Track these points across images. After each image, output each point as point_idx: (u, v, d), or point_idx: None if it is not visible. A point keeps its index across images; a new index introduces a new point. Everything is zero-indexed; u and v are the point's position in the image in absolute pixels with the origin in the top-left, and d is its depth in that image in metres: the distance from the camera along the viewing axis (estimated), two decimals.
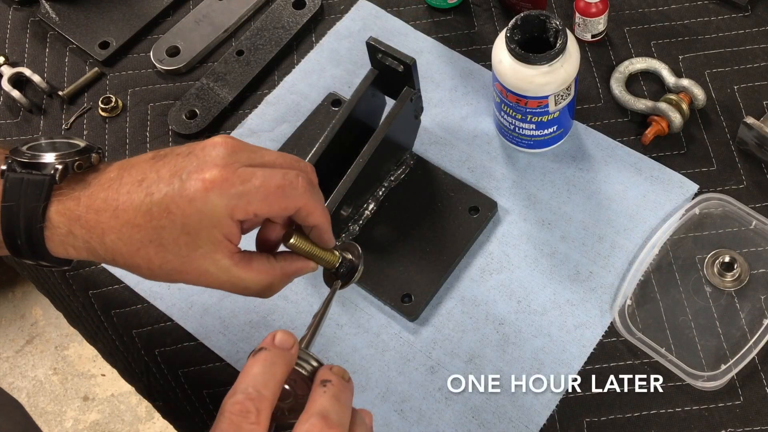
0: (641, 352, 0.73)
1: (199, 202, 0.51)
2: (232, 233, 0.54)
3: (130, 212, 0.52)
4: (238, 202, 0.52)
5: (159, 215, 0.52)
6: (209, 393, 0.77)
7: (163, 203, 0.52)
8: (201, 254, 0.53)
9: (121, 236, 0.53)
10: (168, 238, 0.52)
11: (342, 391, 0.50)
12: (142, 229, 0.52)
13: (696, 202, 0.78)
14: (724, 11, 0.91)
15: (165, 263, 0.53)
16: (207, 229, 0.52)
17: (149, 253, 0.53)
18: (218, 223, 0.52)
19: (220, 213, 0.52)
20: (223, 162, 0.52)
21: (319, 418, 0.48)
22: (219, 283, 0.55)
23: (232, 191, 0.52)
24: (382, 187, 0.82)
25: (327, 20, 0.96)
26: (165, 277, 0.54)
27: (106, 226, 0.53)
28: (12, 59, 0.97)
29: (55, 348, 1.83)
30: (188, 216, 0.52)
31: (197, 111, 0.90)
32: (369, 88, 0.76)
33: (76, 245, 0.54)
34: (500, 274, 0.78)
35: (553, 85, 0.74)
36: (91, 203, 0.53)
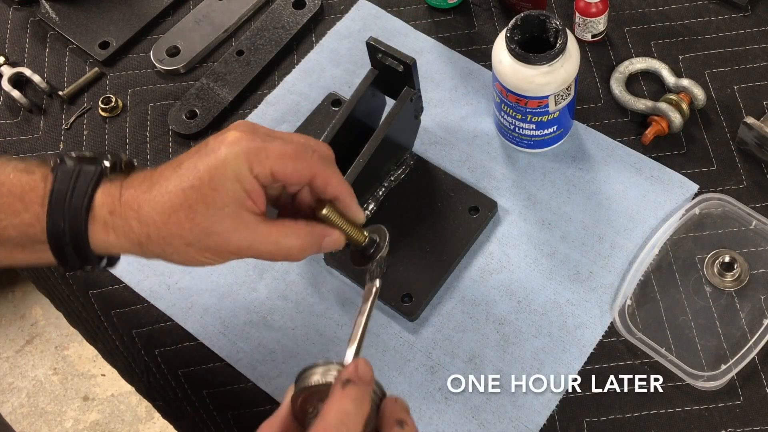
0: (641, 352, 0.73)
1: (222, 152, 0.55)
2: (254, 190, 0.56)
3: (163, 184, 0.55)
4: (257, 155, 0.55)
5: (188, 176, 0.55)
6: (209, 393, 0.77)
7: (191, 164, 0.55)
8: (227, 213, 0.55)
9: (154, 206, 0.55)
10: (196, 198, 0.55)
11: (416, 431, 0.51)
12: (172, 195, 0.55)
13: (696, 202, 0.78)
14: (724, 11, 0.91)
15: (195, 225, 0.55)
16: (230, 182, 0.55)
17: (180, 217, 0.55)
18: (240, 176, 0.55)
19: (240, 163, 0.55)
20: (243, 129, 0.56)
21: None
22: (247, 243, 0.56)
23: (252, 145, 0.55)
24: (382, 187, 0.82)
25: (327, 20, 0.96)
26: (197, 243, 0.56)
27: (142, 198, 0.56)
28: (12, 59, 0.97)
29: (55, 348, 1.83)
30: (212, 169, 0.54)
31: (197, 111, 0.90)
32: (369, 88, 0.76)
33: (116, 226, 0.56)
34: (500, 274, 0.78)
35: (553, 85, 0.74)
36: (131, 183, 0.57)
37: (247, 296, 0.80)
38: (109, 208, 0.56)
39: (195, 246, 0.56)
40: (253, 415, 0.75)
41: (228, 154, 0.55)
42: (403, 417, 0.50)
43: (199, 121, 0.89)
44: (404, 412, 0.51)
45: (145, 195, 0.55)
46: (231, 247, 0.56)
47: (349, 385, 0.49)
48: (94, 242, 0.56)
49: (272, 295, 0.79)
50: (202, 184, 0.54)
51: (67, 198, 0.55)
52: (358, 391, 0.49)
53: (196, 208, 0.54)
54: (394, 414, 0.50)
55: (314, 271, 0.80)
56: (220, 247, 0.56)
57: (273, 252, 0.57)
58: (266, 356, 0.76)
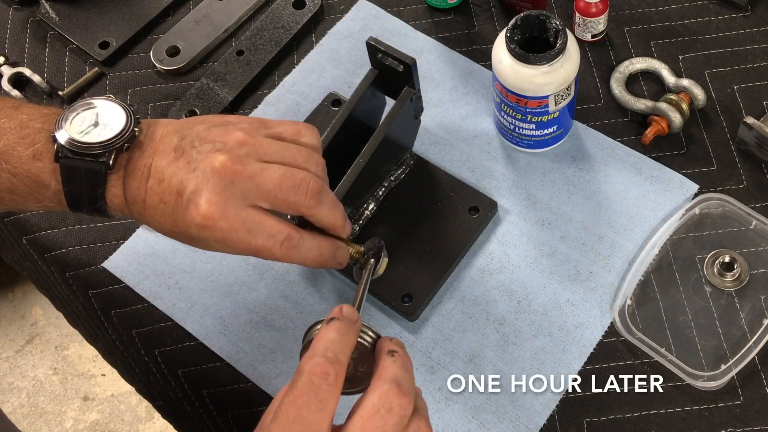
0: (641, 352, 0.73)
1: (194, 232, 0.58)
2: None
3: (151, 210, 0.59)
4: (226, 240, 0.58)
5: (171, 223, 0.58)
6: (209, 393, 0.77)
7: (172, 216, 0.58)
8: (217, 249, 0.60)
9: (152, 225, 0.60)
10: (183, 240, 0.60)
11: (408, 361, 0.53)
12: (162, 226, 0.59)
13: (696, 202, 0.78)
14: (724, 11, 0.91)
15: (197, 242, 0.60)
16: (210, 245, 0.59)
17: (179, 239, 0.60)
18: (216, 245, 0.59)
19: (213, 243, 0.58)
20: (217, 198, 0.57)
21: (393, 385, 0.50)
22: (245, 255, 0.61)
23: (218, 234, 0.57)
24: (382, 187, 0.82)
25: (327, 20, 0.96)
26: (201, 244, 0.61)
27: (141, 216, 0.60)
28: (12, 59, 0.97)
29: (55, 348, 1.83)
30: (190, 235, 0.58)
31: (197, 111, 0.90)
32: (369, 88, 0.76)
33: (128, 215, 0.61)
34: (500, 274, 0.78)
35: (553, 85, 0.74)
36: (130, 191, 0.59)
37: (247, 296, 0.80)
38: (119, 207, 0.60)
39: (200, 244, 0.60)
40: (253, 415, 0.75)
41: (199, 236, 0.58)
42: (394, 348, 0.53)
43: None
44: (397, 345, 0.54)
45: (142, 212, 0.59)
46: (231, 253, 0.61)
47: (333, 320, 0.53)
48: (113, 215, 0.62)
49: (272, 295, 0.79)
50: (185, 237, 0.59)
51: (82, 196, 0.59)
52: (342, 324, 0.53)
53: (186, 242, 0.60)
54: (386, 347, 0.54)
55: (314, 271, 0.80)
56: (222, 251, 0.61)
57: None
58: (266, 356, 0.76)
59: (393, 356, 0.53)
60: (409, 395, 0.51)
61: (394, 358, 0.52)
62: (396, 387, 0.50)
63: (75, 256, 0.84)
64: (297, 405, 0.49)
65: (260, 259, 0.62)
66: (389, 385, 0.50)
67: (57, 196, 0.59)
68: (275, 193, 0.58)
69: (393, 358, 0.52)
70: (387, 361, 0.52)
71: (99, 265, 0.83)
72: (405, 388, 0.51)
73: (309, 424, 0.48)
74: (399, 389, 0.50)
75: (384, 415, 0.49)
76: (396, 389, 0.50)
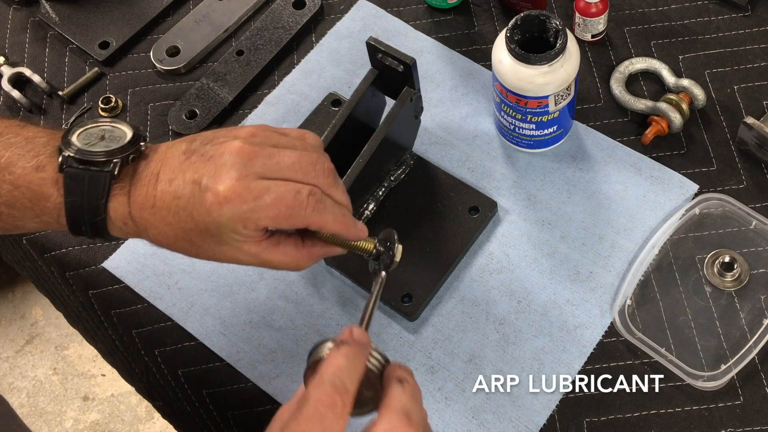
0: (641, 352, 0.73)
1: (215, 214, 0.55)
2: (251, 235, 0.58)
3: (163, 211, 0.57)
4: (250, 216, 0.56)
5: (185, 219, 0.57)
6: (209, 393, 0.77)
7: (187, 209, 0.56)
8: (228, 248, 0.58)
9: (159, 231, 0.58)
10: (196, 238, 0.57)
11: (417, 390, 0.52)
12: (173, 227, 0.57)
13: (696, 202, 0.78)
14: (724, 11, 0.91)
15: (200, 253, 0.59)
16: (227, 233, 0.57)
17: (184, 245, 0.59)
18: (235, 230, 0.56)
19: (233, 224, 0.56)
20: (237, 174, 0.55)
21: (402, 416, 0.49)
22: (250, 264, 0.60)
23: (243, 207, 0.55)
24: (382, 187, 0.82)
25: (327, 20, 0.96)
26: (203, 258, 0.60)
27: (148, 222, 0.58)
28: (12, 59, 0.97)
29: (55, 348, 1.83)
30: (207, 224, 0.56)
31: (197, 111, 0.90)
32: (369, 88, 0.76)
33: (128, 233, 0.60)
34: (500, 274, 0.78)
35: (553, 85, 0.74)
36: (136, 199, 0.58)
37: (247, 296, 0.80)
38: (123, 221, 0.59)
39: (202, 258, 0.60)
40: (253, 415, 0.75)
41: (220, 217, 0.55)
42: (403, 376, 0.52)
43: (199, 121, 0.89)
44: (406, 372, 0.53)
45: (150, 218, 0.58)
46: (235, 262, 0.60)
47: (343, 345, 0.51)
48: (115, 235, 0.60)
49: (272, 295, 0.79)
50: (200, 230, 0.57)
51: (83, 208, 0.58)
52: (351, 350, 0.51)
53: (197, 242, 0.58)
54: (395, 373, 0.52)
55: (314, 271, 0.80)
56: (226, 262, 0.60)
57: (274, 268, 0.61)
58: (266, 356, 0.76)
59: (402, 385, 0.51)
60: (417, 426, 0.49)
61: (403, 387, 0.51)
62: (405, 418, 0.49)
63: (75, 256, 0.84)
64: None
65: None
66: (397, 416, 0.49)
67: (57, 210, 0.58)
68: (295, 169, 0.57)
69: (402, 388, 0.51)
70: (396, 390, 0.51)
71: (99, 265, 0.83)
72: (414, 419, 0.49)
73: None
74: (408, 420, 0.49)
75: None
76: (405, 420, 0.49)
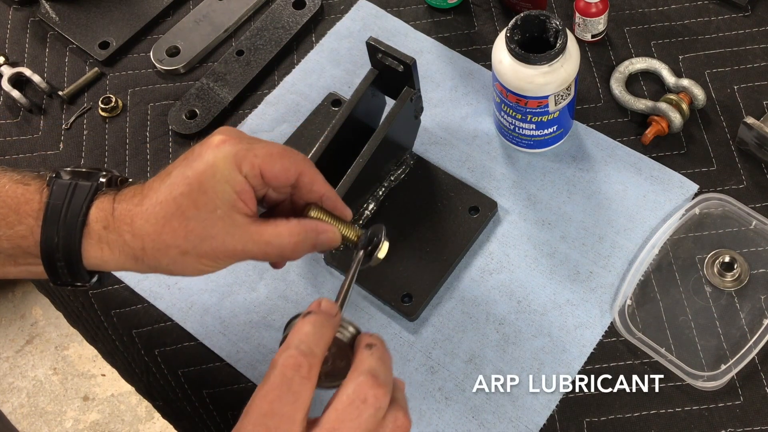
0: (641, 352, 0.73)
1: (209, 155, 0.55)
2: (244, 191, 0.56)
3: (153, 196, 0.56)
4: (245, 155, 0.55)
5: (177, 184, 0.55)
6: (209, 393, 0.77)
7: (179, 173, 0.56)
8: (220, 215, 0.55)
9: (147, 218, 0.56)
10: (188, 205, 0.55)
11: (386, 354, 0.53)
12: (164, 204, 0.55)
13: (696, 202, 0.78)
14: (724, 11, 0.91)
15: (189, 232, 0.55)
16: (220, 184, 0.55)
17: (174, 226, 0.55)
18: (229, 178, 0.55)
19: (228, 165, 0.55)
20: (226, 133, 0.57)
21: (369, 376, 0.50)
22: (241, 244, 0.56)
23: (238, 146, 0.56)
24: (382, 187, 0.82)
25: (327, 20, 0.96)
26: (192, 250, 0.56)
27: (135, 212, 0.56)
28: (12, 59, 0.97)
29: (55, 348, 1.83)
30: (201, 172, 0.55)
31: (197, 111, 0.90)
32: (369, 88, 0.76)
33: (110, 241, 0.56)
34: (500, 274, 0.78)
35: (553, 85, 0.74)
36: (122, 197, 0.57)
37: (247, 296, 0.80)
38: (103, 224, 0.56)
39: (191, 254, 0.56)
40: None
41: (216, 157, 0.55)
42: (372, 341, 0.53)
43: (199, 121, 0.89)
44: (376, 339, 0.53)
45: (138, 208, 0.56)
46: (226, 250, 0.56)
47: (310, 314, 0.52)
48: (88, 258, 0.57)
49: (272, 295, 0.79)
50: (192, 190, 0.55)
51: (62, 213, 0.56)
52: (318, 318, 0.52)
53: (188, 214, 0.55)
54: (364, 340, 0.53)
55: (314, 271, 0.80)
56: (216, 251, 0.56)
57: (267, 252, 0.57)
58: (266, 356, 0.76)
59: (370, 349, 0.52)
60: (385, 386, 0.50)
61: (371, 350, 0.52)
62: (371, 378, 0.50)
63: None
64: (269, 398, 0.48)
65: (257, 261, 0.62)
66: (365, 377, 0.50)
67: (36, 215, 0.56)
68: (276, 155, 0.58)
69: (370, 351, 0.52)
70: (364, 353, 0.52)
71: None
72: (381, 379, 0.50)
73: (282, 417, 0.48)
74: (375, 380, 0.50)
75: (359, 406, 0.49)
76: (371, 380, 0.50)
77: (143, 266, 0.57)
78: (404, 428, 0.52)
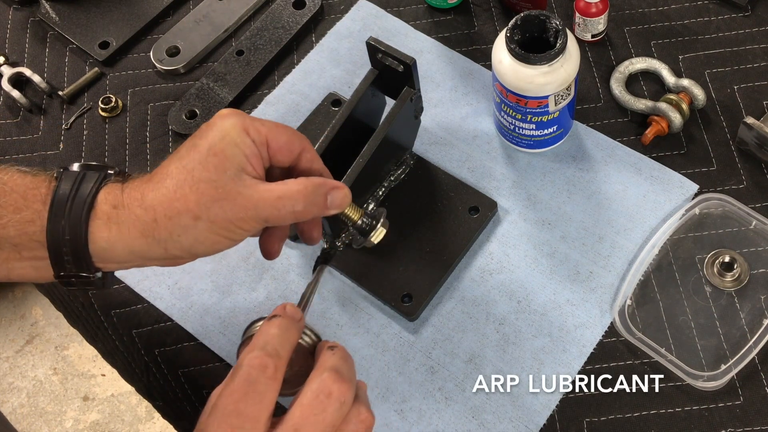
0: (641, 352, 0.73)
1: (218, 124, 0.57)
2: (253, 154, 0.57)
3: (162, 171, 0.57)
4: (252, 123, 0.57)
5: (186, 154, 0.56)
6: (209, 393, 0.77)
7: (189, 144, 0.57)
8: (230, 176, 0.55)
9: (157, 190, 0.56)
10: (199, 169, 0.55)
11: (347, 355, 0.55)
12: (174, 174, 0.56)
13: (696, 202, 0.78)
14: (724, 11, 0.91)
15: (200, 195, 0.55)
16: (230, 147, 0.56)
17: (185, 191, 0.55)
18: (238, 142, 0.56)
19: (237, 130, 0.56)
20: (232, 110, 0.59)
21: (332, 372, 0.51)
22: (253, 203, 0.56)
23: (246, 118, 0.58)
24: (382, 187, 0.82)
25: (327, 20, 0.96)
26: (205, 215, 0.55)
27: (145, 187, 0.56)
28: (12, 59, 0.97)
29: (55, 348, 1.83)
30: (210, 139, 0.56)
31: (197, 111, 0.90)
32: (369, 88, 0.76)
33: (120, 218, 0.56)
34: (500, 274, 0.78)
35: (553, 85, 0.74)
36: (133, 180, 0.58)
37: (247, 296, 0.80)
38: (113, 203, 0.56)
39: (203, 219, 0.55)
40: None
41: (224, 123, 0.57)
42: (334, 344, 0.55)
43: (199, 121, 0.89)
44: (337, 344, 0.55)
45: (147, 184, 0.57)
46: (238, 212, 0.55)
47: (275, 317, 0.54)
48: (95, 241, 0.56)
49: (272, 295, 0.79)
50: (202, 156, 0.56)
51: (69, 197, 0.56)
52: (283, 321, 0.53)
53: (199, 176, 0.55)
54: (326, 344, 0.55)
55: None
56: (227, 214, 0.55)
57: (279, 209, 0.56)
58: None
59: (332, 350, 0.54)
60: (348, 382, 0.51)
61: (333, 351, 0.53)
62: (335, 374, 0.51)
63: None
64: (234, 398, 0.49)
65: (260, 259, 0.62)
66: (328, 373, 0.51)
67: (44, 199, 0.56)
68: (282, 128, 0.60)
69: (332, 351, 0.53)
70: (327, 353, 0.53)
71: None
72: (344, 375, 0.52)
73: (246, 417, 0.48)
74: (338, 375, 0.51)
75: (323, 400, 0.50)
76: (335, 375, 0.51)
77: (153, 243, 0.56)
78: (368, 423, 0.53)
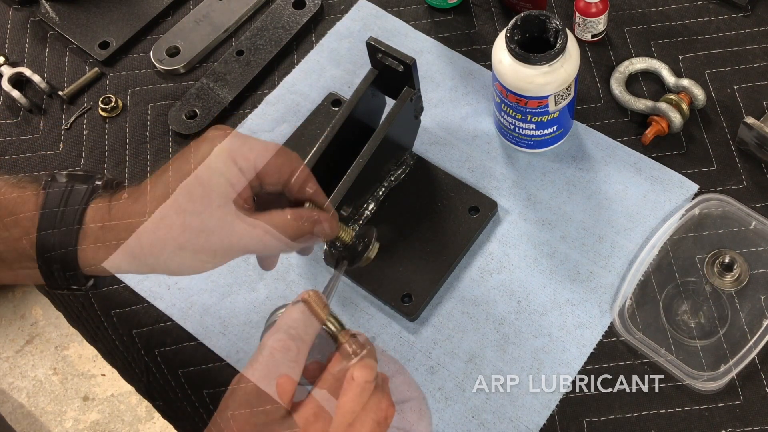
0: (641, 352, 0.73)
1: (205, 149, 0.56)
2: (239, 183, 0.56)
3: (150, 193, 0.56)
4: (240, 149, 0.56)
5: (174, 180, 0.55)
6: (209, 393, 0.77)
7: (176, 167, 0.56)
8: (215, 208, 0.55)
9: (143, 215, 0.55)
10: (184, 197, 0.55)
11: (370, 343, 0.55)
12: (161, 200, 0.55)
13: (696, 202, 0.78)
14: (724, 11, 0.91)
15: (186, 226, 0.54)
16: (216, 176, 0.55)
17: (171, 220, 0.54)
18: (225, 171, 0.55)
19: (224, 158, 0.55)
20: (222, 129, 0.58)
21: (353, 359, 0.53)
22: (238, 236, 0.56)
23: (234, 141, 0.56)
24: (382, 187, 0.82)
25: (327, 20, 0.96)
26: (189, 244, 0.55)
27: (131, 209, 0.56)
28: (12, 59, 0.97)
29: (55, 348, 1.83)
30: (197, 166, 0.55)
31: (197, 111, 0.90)
32: (369, 88, 0.76)
33: (108, 240, 0.56)
34: (500, 274, 0.78)
35: (553, 85, 0.74)
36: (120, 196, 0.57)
37: (247, 296, 0.80)
38: (101, 222, 0.56)
39: (188, 248, 0.55)
40: None
41: (210, 148, 0.56)
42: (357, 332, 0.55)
43: (199, 121, 0.89)
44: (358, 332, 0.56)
45: (134, 205, 0.56)
46: (223, 243, 0.55)
47: (299, 302, 0.54)
48: (84, 260, 0.56)
49: (272, 295, 0.79)
50: (188, 183, 0.55)
51: (58, 215, 0.55)
52: (307, 306, 0.53)
53: (184, 207, 0.54)
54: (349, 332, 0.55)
55: (314, 271, 0.80)
56: (213, 244, 0.55)
57: (264, 241, 0.57)
58: None
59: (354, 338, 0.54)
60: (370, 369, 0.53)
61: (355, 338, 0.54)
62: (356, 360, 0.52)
63: None
64: (256, 378, 0.49)
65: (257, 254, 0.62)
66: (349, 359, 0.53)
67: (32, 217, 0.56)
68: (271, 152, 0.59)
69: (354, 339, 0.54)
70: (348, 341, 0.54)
71: None
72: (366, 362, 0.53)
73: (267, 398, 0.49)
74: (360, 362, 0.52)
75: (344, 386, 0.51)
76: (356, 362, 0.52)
77: (141, 265, 0.56)
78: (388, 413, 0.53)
